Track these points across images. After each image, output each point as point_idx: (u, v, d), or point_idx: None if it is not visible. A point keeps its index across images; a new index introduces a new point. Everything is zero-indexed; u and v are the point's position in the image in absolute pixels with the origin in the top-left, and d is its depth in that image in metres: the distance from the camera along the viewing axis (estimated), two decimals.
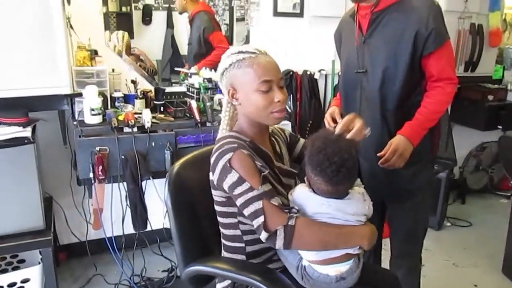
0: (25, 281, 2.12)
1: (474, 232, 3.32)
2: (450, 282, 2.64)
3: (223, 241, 1.36)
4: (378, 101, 1.68)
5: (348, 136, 1.31)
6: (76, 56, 2.33)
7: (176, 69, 2.99)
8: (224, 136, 1.29)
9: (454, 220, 3.45)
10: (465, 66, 3.18)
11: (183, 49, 3.16)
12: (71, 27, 2.29)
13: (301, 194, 1.28)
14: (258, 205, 1.16)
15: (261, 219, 1.15)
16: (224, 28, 3.17)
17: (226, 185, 1.21)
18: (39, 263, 2.19)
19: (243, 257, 1.31)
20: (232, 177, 1.19)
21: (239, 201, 1.19)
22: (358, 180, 1.38)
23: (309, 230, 1.17)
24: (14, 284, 2.10)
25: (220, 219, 1.33)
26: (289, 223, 1.15)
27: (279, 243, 1.15)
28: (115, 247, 2.40)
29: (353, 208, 1.28)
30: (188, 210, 1.38)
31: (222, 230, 1.34)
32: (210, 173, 1.28)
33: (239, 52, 1.27)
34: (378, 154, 1.68)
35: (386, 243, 2.05)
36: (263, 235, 1.16)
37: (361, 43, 1.72)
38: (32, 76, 2.01)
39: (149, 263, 2.55)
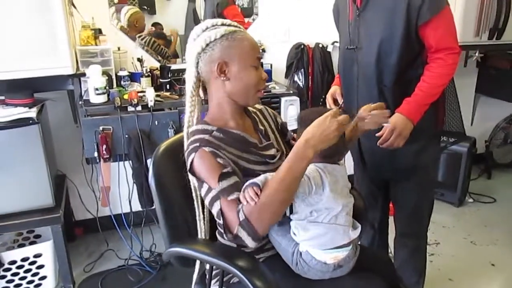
0: (38, 255, 2.21)
1: (498, 208, 3.18)
2: (466, 261, 2.55)
3: (218, 228, 1.31)
4: (375, 76, 1.60)
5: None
6: (80, 35, 2.34)
7: None
8: (192, 131, 1.23)
9: (477, 196, 3.32)
10: (490, 34, 2.97)
11: None
12: (74, 6, 2.29)
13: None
14: (217, 205, 1.13)
15: (222, 221, 1.12)
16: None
17: (194, 185, 1.21)
18: None
19: (233, 245, 1.22)
20: (194, 179, 1.18)
21: (206, 202, 1.18)
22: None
23: (261, 208, 1.07)
24: (27, 258, 2.19)
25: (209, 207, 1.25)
26: (241, 219, 1.08)
27: (248, 242, 1.10)
28: (125, 223, 2.45)
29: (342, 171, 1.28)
30: (173, 192, 1.35)
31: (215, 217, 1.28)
32: None
33: (222, 25, 1.21)
34: (376, 134, 1.61)
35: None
36: (228, 238, 1.12)
37: (355, 17, 1.63)
38: (34, 57, 2.03)
39: (159, 240, 2.59)
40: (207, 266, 1.35)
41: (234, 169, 1.18)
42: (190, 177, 1.21)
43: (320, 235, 1.22)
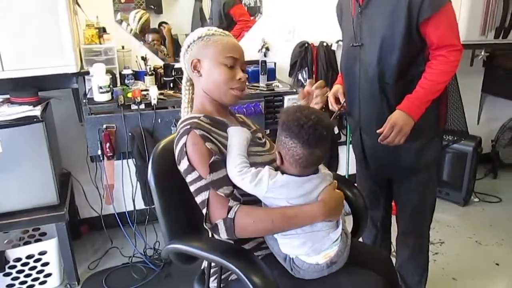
0: (43, 253, 2.23)
1: (503, 208, 3.16)
2: (470, 261, 2.53)
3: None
4: (377, 74, 1.59)
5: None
6: (85, 34, 2.35)
7: None
8: (183, 119, 1.29)
9: (483, 196, 3.29)
10: (496, 32, 2.94)
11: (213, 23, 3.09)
12: (78, 4, 2.31)
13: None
14: (205, 195, 1.17)
15: (205, 210, 1.17)
16: None
17: (180, 170, 1.22)
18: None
19: (231, 241, 1.26)
20: (184, 163, 1.19)
21: (191, 189, 1.21)
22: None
23: (249, 220, 1.15)
24: (32, 256, 2.21)
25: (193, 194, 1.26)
26: (229, 216, 1.14)
27: (223, 235, 1.16)
28: (129, 221, 2.47)
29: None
30: (171, 189, 1.35)
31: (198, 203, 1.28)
32: None
33: (208, 30, 1.32)
34: (377, 131, 1.61)
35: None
36: (207, 226, 1.18)
37: (358, 15, 1.62)
38: (39, 56, 2.05)
39: (162, 237, 2.58)
40: (206, 263, 1.36)
41: (224, 152, 1.21)
42: (178, 159, 1.22)
43: (300, 245, 1.21)
